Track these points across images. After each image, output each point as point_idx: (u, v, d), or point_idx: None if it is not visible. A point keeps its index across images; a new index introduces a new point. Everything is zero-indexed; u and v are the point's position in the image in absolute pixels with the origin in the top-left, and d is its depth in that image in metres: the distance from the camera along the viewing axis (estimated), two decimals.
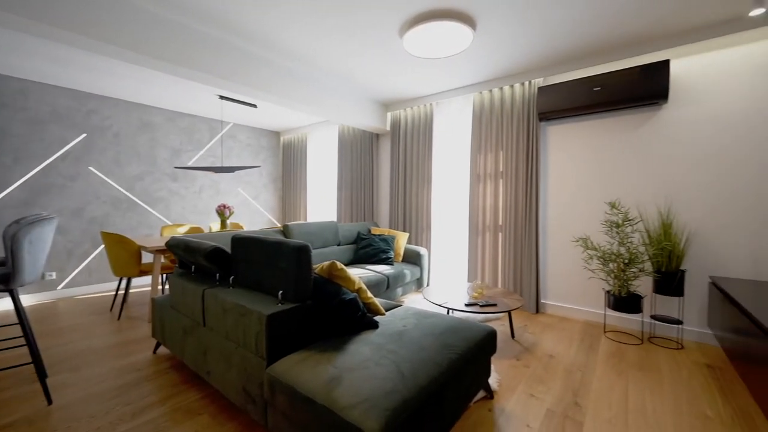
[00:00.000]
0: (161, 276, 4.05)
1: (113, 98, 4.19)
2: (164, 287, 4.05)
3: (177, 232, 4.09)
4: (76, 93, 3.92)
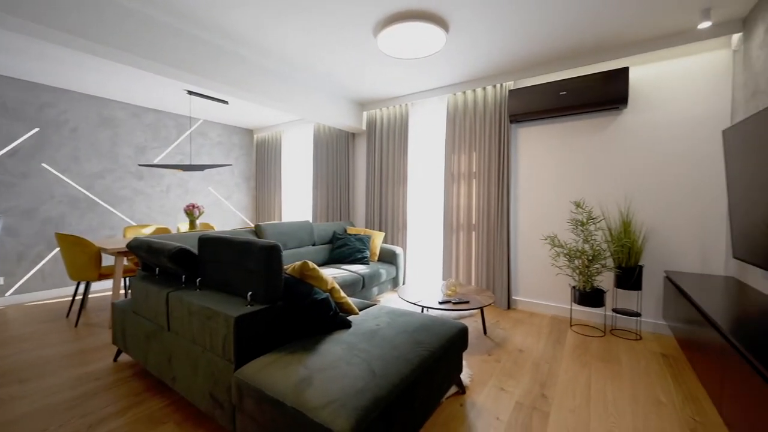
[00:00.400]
0: (124, 280, 3.84)
1: (72, 91, 3.93)
2: (128, 292, 3.84)
3: (142, 233, 3.89)
4: (28, 84, 3.64)
